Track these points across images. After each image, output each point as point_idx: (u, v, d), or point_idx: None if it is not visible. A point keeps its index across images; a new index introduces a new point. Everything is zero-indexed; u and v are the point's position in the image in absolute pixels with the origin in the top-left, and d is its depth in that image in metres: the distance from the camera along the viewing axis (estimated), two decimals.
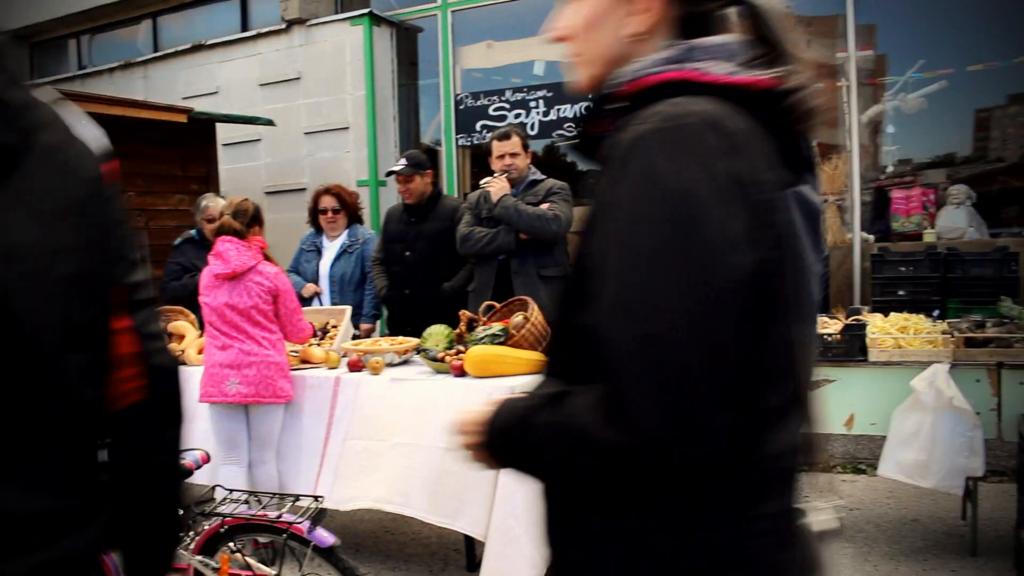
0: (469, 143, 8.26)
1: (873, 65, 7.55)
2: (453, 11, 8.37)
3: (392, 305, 5.58)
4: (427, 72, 8.78)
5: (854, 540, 4.51)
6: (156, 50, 10.09)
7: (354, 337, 5.24)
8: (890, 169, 7.61)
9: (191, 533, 3.17)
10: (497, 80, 8.26)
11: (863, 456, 5.74)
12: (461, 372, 4.10)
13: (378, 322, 6.00)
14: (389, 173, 5.60)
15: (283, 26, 8.73)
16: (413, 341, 4.60)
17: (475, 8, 8.27)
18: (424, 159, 5.52)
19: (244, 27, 9.51)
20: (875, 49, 7.59)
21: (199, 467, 3.07)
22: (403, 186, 5.45)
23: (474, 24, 8.39)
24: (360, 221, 6.01)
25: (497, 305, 4.49)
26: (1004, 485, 4.93)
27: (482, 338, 4.12)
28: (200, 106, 8.15)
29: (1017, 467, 4.01)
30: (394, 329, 5.44)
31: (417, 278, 5.40)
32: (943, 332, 4.22)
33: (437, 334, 4.55)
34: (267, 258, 4.43)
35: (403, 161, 5.48)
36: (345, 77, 8.49)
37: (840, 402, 4.24)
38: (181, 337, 5.13)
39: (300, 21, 8.65)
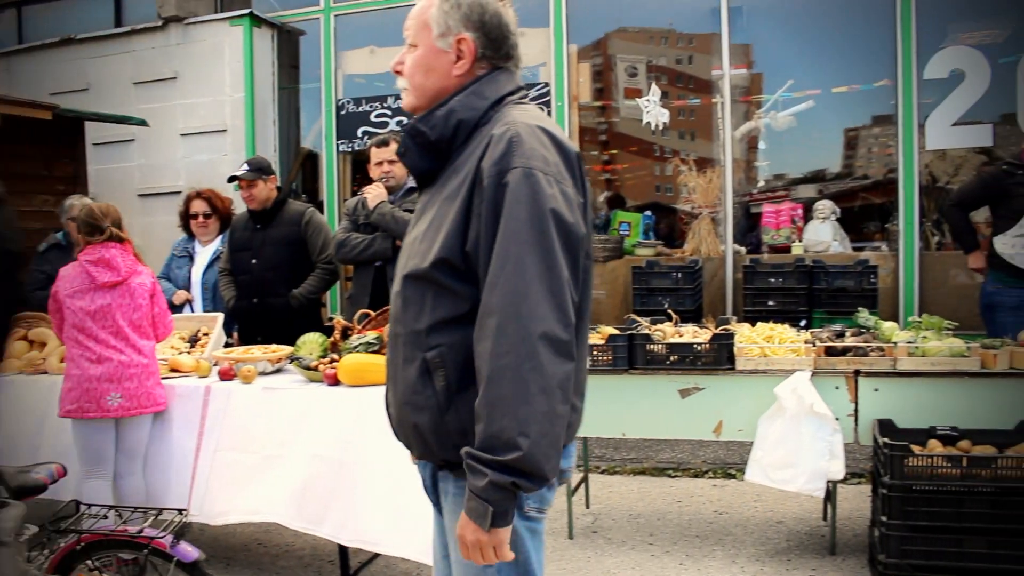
0: (350, 149, 8.17)
1: (749, 83, 7.82)
2: (336, 15, 8.27)
3: (241, 316, 5.45)
4: (309, 76, 8.65)
5: (722, 543, 4.64)
6: (20, 42, 9.60)
7: (226, 345, 5.11)
8: (761, 184, 7.89)
9: (45, 552, 3.03)
10: (379, 86, 8.20)
11: (733, 461, 5.92)
12: (335, 381, 4.06)
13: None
14: (231, 179, 5.47)
15: (159, 23, 8.45)
16: (286, 349, 4.52)
17: (358, 13, 8.19)
18: (267, 164, 5.46)
19: (118, 22, 9.15)
20: (751, 68, 7.88)
21: (54, 481, 2.95)
22: (246, 191, 5.35)
23: (357, 29, 8.30)
24: None
25: (372, 313, 4.45)
26: (861, 487, 5.17)
27: (356, 346, 4.08)
28: (69, 103, 7.81)
29: (872, 469, 4.20)
30: (245, 340, 5.33)
31: (265, 286, 5.30)
32: (806, 341, 4.39)
33: (311, 342, 4.48)
34: (138, 259, 4.31)
35: (245, 166, 5.39)
36: (224, 78, 8.29)
37: (709, 409, 4.36)
38: (43, 345, 4.90)
39: (177, 19, 8.39)
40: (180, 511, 3.11)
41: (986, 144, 6.81)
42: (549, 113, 7.51)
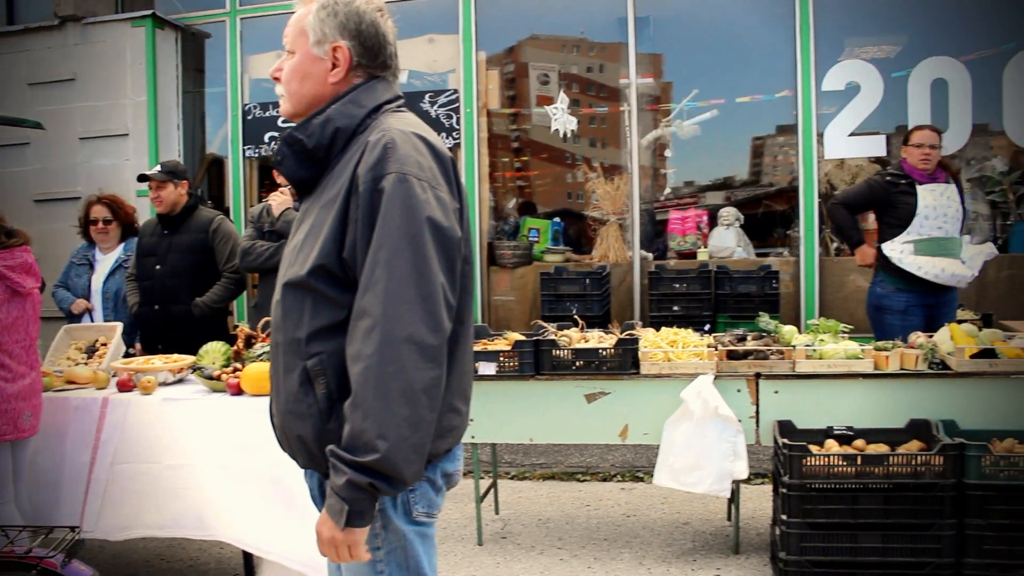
0: (257, 155, 8.04)
1: (659, 92, 7.97)
2: (242, 18, 8.14)
3: (143, 323, 5.32)
4: (214, 80, 8.49)
5: (630, 545, 4.70)
6: None
7: (128, 355, 4.97)
8: (668, 191, 8.04)
9: None
10: None
11: (641, 464, 6.00)
12: (238, 391, 3.98)
13: None
14: (142, 177, 5.34)
15: (56, 22, 8.18)
16: (188, 359, 4.41)
17: (265, 16, 8.07)
18: (182, 169, 5.34)
19: (11, 20, 8.82)
20: (660, 77, 8.02)
21: None
22: (154, 193, 5.23)
23: (264, 33, 8.18)
24: (136, 234, 5.72)
25: None
26: (765, 487, 5.29)
27: (260, 355, 4.01)
28: None
29: (773, 469, 4.31)
30: (148, 348, 5.21)
31: (168, 293, 5.18)
32: (708, 346, 4.48)
33: (214, 351, 4.40)
34: None
35: (158, 167, 5.28)
36: (125, 81, 8.07)
37: (614, 413, 4.41)
38: None
39: (75, 18, 8.13)
40: (72, 528, 3.00)
41: (880, 154, 7.08)
42: (458, 120, 7.52)
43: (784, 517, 3.94)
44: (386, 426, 1.74)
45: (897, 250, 5.40)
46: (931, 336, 4.49)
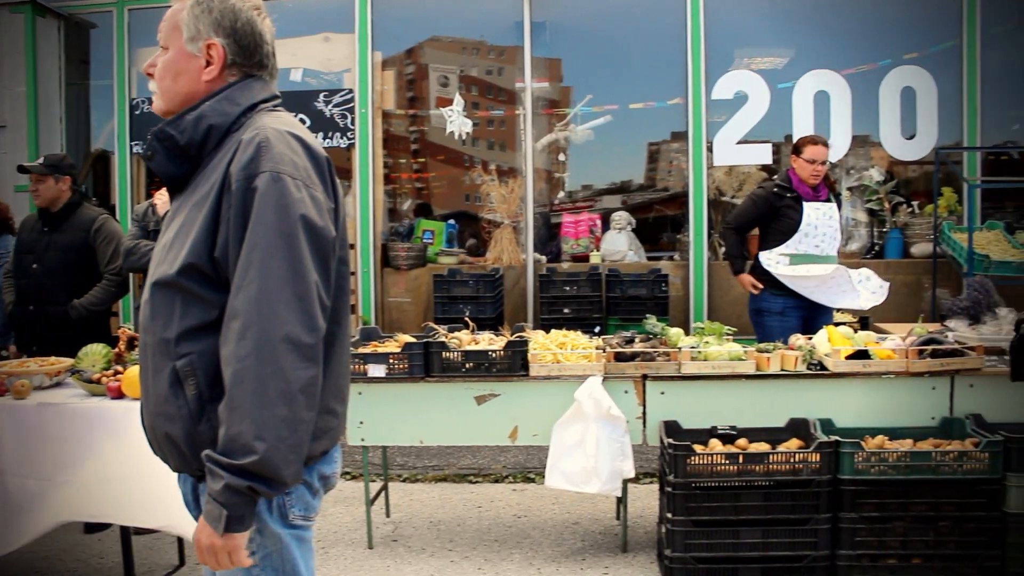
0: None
1: (557, 96, 8.05)
2: (130, 9, 7.87)
3: (18, 323, 5.11)
4: (100, 72, 8.18)
5: (521, 546, 4.72)
6: None
7: (1, 358, 4.76)
8: (562, 195, 8.13)
9: None
10: None
11: (532, 465, 6.04)
12: (119, 394, 3.86)
13: None
14: (22, 169, 5.13)
15: None
16: (66, 362, 4.25)
17: (154, 8, 7.82)
18: (67, 164, 5.14)
19: None
20: (561, 82, 8.11)
21: None
22: (34, 186, 5.04)
23: (153, 24, 7.79)
24: (12, 231, 5.48)
25: None
26: (653, 486, 5.38)
27: None
28: None
29: (659, 469, 4.39)
30: (21, 350, 5.01)
31: (44, 293, 4.99)
32: (597, 348, 4.54)
33: (93, 353, 4.25)
34: None
35: (40, 160, 5.08)
36: (1, 70, 7.71)
37: (504, 415, 4.43)
38: None
39: None
40: None
41: (767, 162, 7.32)
42: (353, 120, 7.44)
43: (669, 515, 4.01)
44: (263, 427, 1.71)
45: (774, 260, 5.57)
46: (810, 338, 4.65)
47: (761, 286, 5.66)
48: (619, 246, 7.33)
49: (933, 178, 6.84)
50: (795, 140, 5.77)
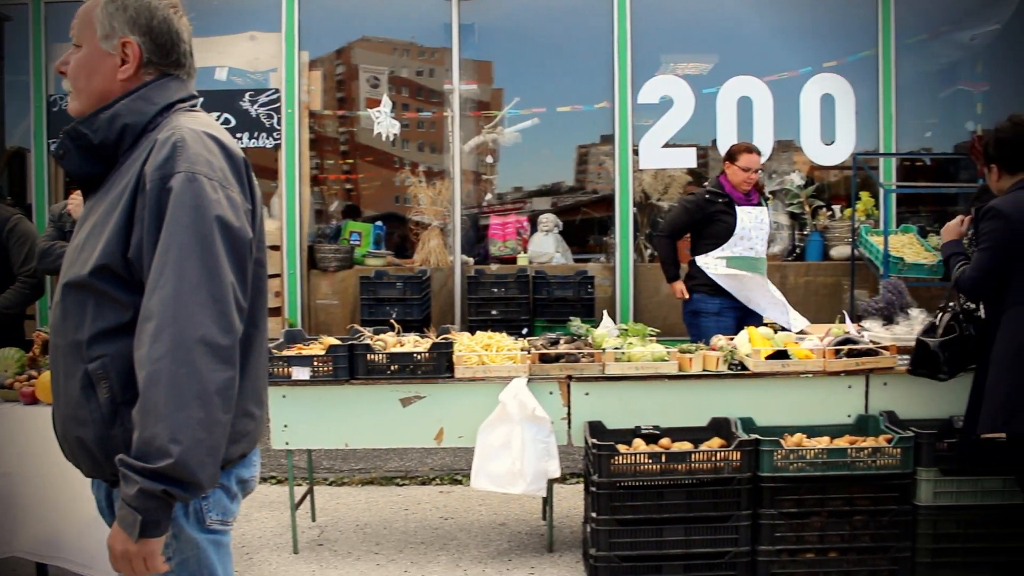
0: None
1: (488, 98, 8.07)
2: (47, 2, 7.65)
3: None
4: (15, 67, 7.94)
5: (447, 548, 4.71)
6: None
7: None
8: (490, 196, 8.15)
9: None
10: None
11: (459, 467, 6.03)
12: (32, 399, 3.77)
13: None
14: None
15: None
16: None
17: (71, 2, 7.61)
18: None
19: None
20: (491, 84, 8.13)
21: None
22: None
23: (70, 19, 7.72)
24: None
25: None
26: (578, 486, 5.42)
27: None
28: None
29: (584, 469, 4.43)
30: None
31: None
32: (522, 349, 4.56)
33: (6, 358, 4.16)
34: None
35: None
36: None
37: (430, 417, 4.42)
38: None
39: None
40: None
41: (691, 165, 7.44)
42: (279, 120, 7.35)
43: (594, 515, 4.05)
44: (179, 429, 1.69)
45: (711, 264, 5.67)
46: (732, 339, 4.74)
47: (688, 295, 5.77)
48: (546, 248, 7.37)
49: (851, 183, 7.02)
50: (730, 147, 5.85)
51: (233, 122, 7.26)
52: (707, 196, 5.73)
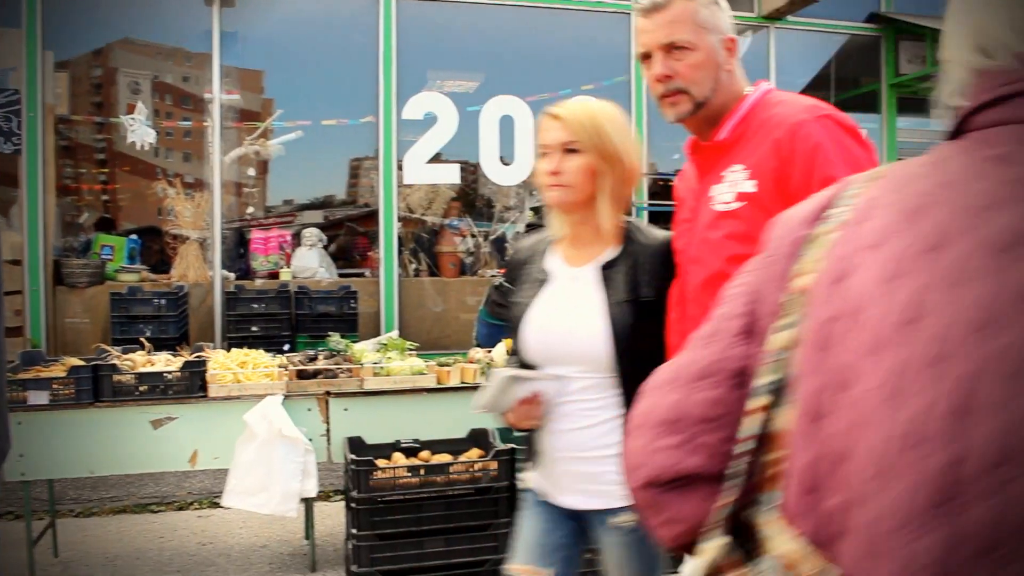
0: None
1: (260, 108, 7.87)
2: None
3: None
4: None
5: (205, 574, 4.56)
6: None
7: None
8: (252, 210, 7.96)
9: None
10: None
11: (219, 490, 5.80)
12: None
13: None
14: None
15: None
16: None
17: None
18: None
19: None
20: (261, 93, 7.94)
21: None
22: None
23: None
24: None
25: None
26: (341, 503, 5.39)
27: None
28: None
29: (344, 485, 4.42)
30: None
31: None
32: (280, 366, 4.50)
33: None
34: None
35: None
36: None
37: (183, 439, 4.27)
38: None
39: None
40: None
41: (455, 181, 7.58)
42: (19, 124, 6.84)
43: (354, 531, 4.05)
44: None
45: None
46: (489, 351, 4.88)
47: None
48: (309, 263, 7.29)
49: None
50: None
51: None
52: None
